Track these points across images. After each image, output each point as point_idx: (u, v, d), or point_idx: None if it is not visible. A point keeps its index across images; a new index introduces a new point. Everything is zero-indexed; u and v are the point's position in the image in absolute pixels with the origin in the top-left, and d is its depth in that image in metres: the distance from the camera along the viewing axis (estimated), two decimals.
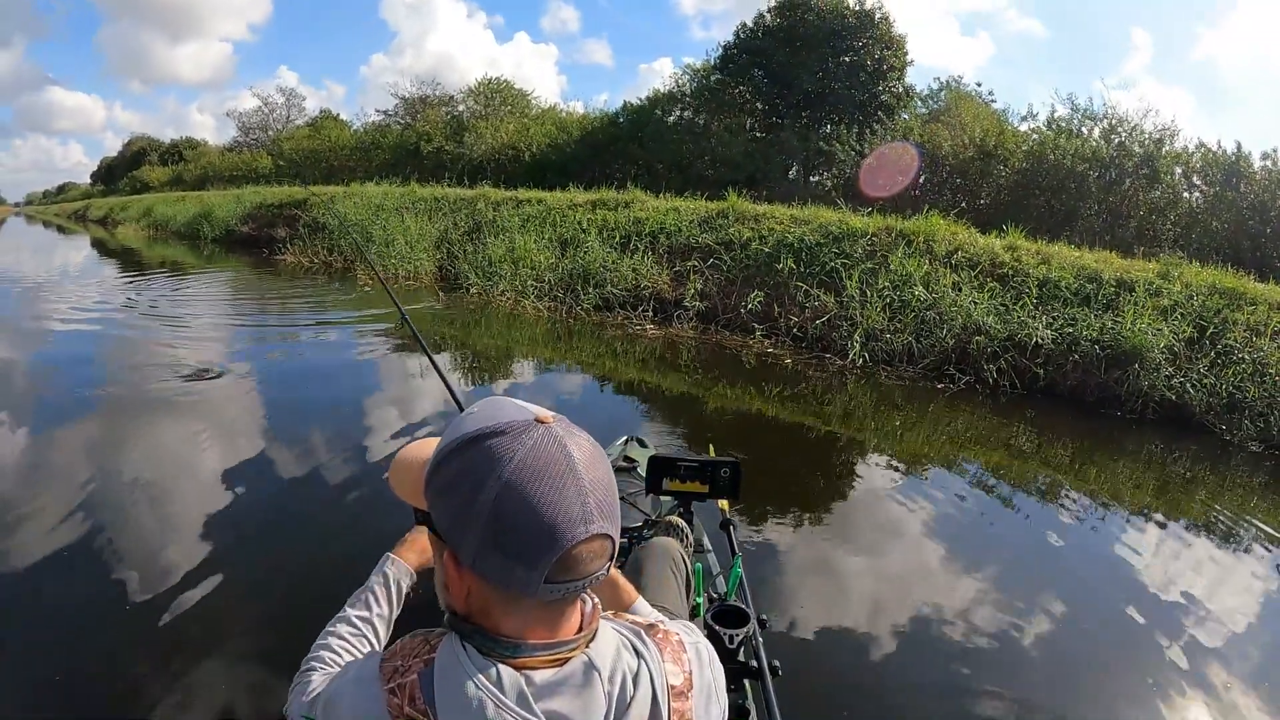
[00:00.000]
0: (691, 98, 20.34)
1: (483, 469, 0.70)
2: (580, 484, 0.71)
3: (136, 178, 50.91)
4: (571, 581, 0.72)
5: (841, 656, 2.63)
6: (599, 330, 8.45)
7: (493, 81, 26.26)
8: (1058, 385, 6.65)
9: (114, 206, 39.23)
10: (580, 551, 0.71)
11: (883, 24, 16.98)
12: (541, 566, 0.69)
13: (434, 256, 12.21)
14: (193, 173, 40.94)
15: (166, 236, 25.02)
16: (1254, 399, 6.05)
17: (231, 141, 41.70)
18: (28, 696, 2.21)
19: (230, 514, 3.47)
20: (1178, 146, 12.86)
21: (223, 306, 10.28)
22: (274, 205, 19.70)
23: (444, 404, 5.13)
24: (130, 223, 30.94)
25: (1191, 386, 6.23)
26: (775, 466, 4.85)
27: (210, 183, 34.18)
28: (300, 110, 39.17)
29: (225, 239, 20.72)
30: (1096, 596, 3.37)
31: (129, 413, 5.01)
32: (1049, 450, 5.66)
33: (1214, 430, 5.99)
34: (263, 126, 38.83)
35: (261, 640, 2.50)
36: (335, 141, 29.81)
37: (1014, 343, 6.85)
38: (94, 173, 78.82)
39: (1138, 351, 6.47)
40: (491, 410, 0.76)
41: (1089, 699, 2.57)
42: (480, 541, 0.70)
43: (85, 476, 3.81)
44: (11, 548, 3.02)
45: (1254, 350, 6.45)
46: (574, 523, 0.70)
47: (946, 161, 14.38)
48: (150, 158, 54.29)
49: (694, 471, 1.68)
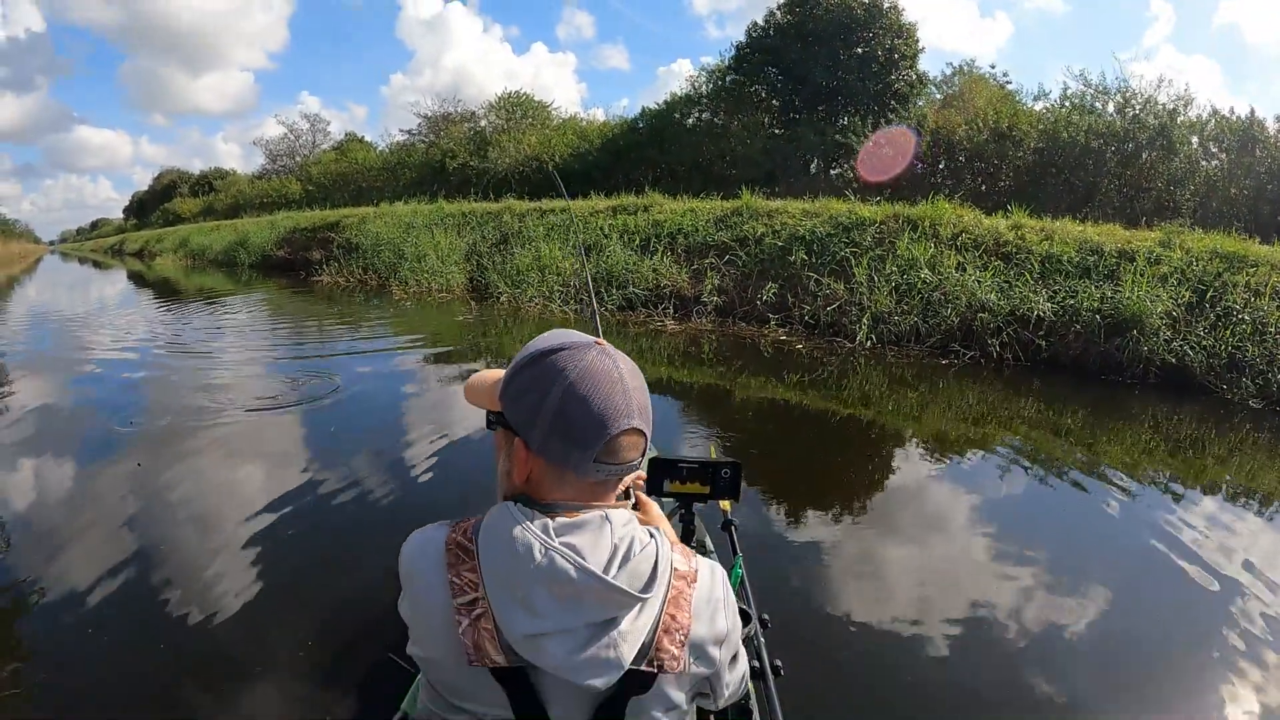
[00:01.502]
0: (709, 99, 20.92)
1: (552, 374, 0.90)
2: (625, 389, 0.91)
3: (169, 210, 52.71)
4: (613, 465, 0.91)
5: (845, 656, 2.68)
6: (622, 328, 9.13)
7: (513, 95, 27.17)
8: (1060, 356, 7.10)
9: (149, 239, 40.85)
10: (622, 440, 0.90)
11: (891, 13, 17.40)
12: (593, 449, 0.89)
13: (464, 269, 13.02)
14: (224, 202, 42.56)
15: (204, 265, 26.12)
16: (1254, 358, 6.40)
17: (260, 169, 43.08)
18: (76, 705, 2.30)
19: (271, 534, 3.49)
20: (1192, 115, 13.02)
21: (264, 329, 10.65)
22: (307, 229, 20.75)
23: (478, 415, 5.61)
24: (167, 254, 32.30)
25: (1191, 349, 6.61)
26: (784, 453, 5.12)
27: (242, 211, 35.52)
28: (325, 134, 40.36)
29: (261, 264, 21.80)
30: (1118, 580, 3.32)
31: (176, 439, 4.97)
32: (1057, 422, 5.84)
33: (1215, 390, 6.35)
34: (290, 153, 40.09)
35: (307, 659, 2.54)
36: (362, 163, 30.93)
37: (1016, 317, 7.32)
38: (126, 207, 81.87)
39: (1137, 318, 6.87)
40: (557, 334, 0.97)
41: (1118, 694, 2.54)
42: (548, 430, 0.89)
43: (131, 504, 3.84)
44: (60, 568, 3.09)
45: (1254, 310, 6.78)
46: (619, 416, 0.89)
47: (962, 146, 14.70)
48: (181, 190, 56.15)
49: (695, 473, 1.68)
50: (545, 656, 0.84)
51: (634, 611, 0.88)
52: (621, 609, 0.87)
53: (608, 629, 0.86)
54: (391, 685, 2.14)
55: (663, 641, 0.90)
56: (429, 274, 13.07)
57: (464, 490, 4.05)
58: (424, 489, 4.05)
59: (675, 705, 0.95)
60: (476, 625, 0.86)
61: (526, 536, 0.86)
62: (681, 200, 12.61)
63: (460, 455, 4.59)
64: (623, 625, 0.87)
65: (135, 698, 2.32)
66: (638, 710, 0.91)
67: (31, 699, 2.33)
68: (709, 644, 0.95)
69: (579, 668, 0.85)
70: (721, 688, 1.02)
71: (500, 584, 0.86)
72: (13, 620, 2.78)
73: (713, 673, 0.98)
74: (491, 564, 0.87)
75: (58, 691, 2.35)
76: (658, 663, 0.89)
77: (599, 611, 0.86)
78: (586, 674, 0.85)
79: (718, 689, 1.01)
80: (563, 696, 0.89)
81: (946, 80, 18.78)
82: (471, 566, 0.88)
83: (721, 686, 1.01)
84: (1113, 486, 4.42)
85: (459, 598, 0.87)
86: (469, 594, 0.87)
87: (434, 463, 4.42)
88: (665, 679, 0.92)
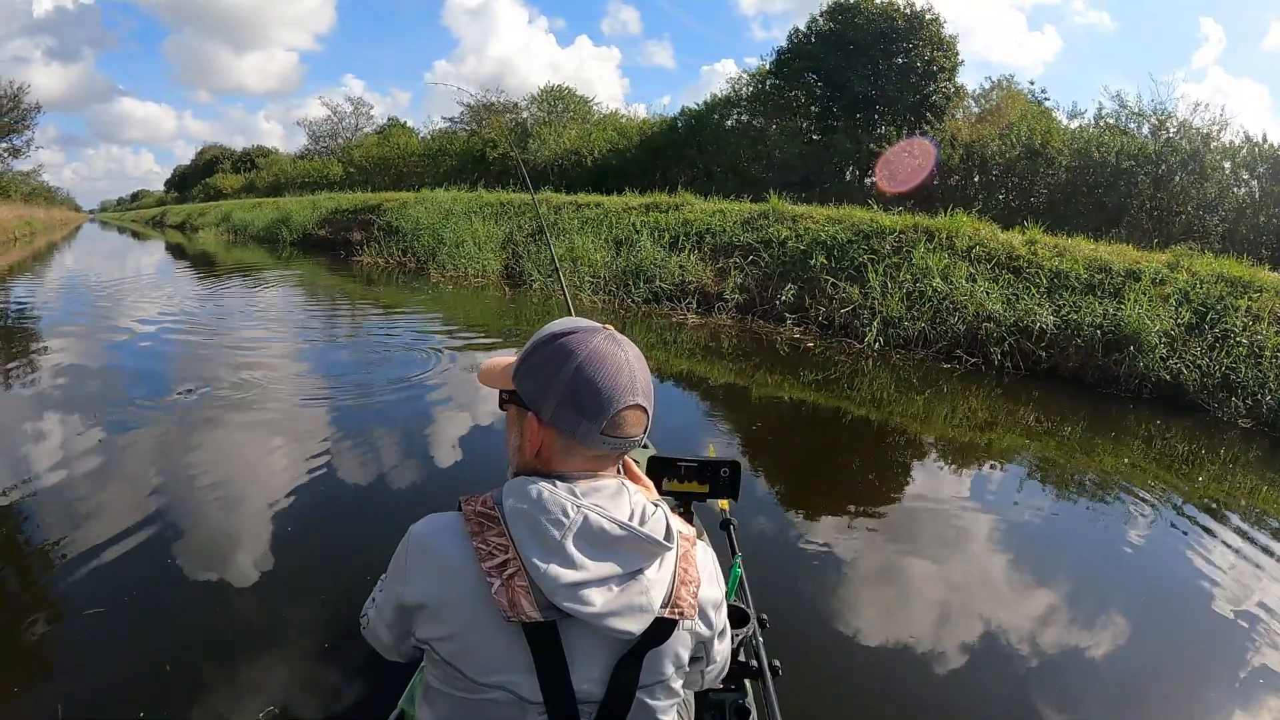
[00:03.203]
0: (748, 101, 21.54)
1: (564, 353, 1.00)
2: (631, 369, 1.01)
3: (210, 185, 54.49)
4: (617, 438, 1.01)
5: (842, 656, 2.74)
6: (647, 319, 9.84)
7: (555, 88, 28.06)
8: (1060, 367, 7.59)
9: (191, 212, 42.21)
10: (627, 415, 1.00)
11: (932, 25, 17.90)
12: (600, 420, 0.98)
13: (500, 257, 13.84)
14: (265, 179, 44.00)
15: (245, 240, 27.26)
16: (1246, 379, 6.75)
17: (302, 149, 44.43)
18: (102, 684, 2.36)
19: (297, 515, 3.58)
20: (1225, 140, 13.31)
21: (299, 305, 11.57)
22: (349, 210, 21.71)
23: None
24: (209, 228, 33.61)
25: (1185, 368, 7.00)
26: (785, 451, 5.41)
27: (284, 189, 36.71)
28: (368, 118, 41.60)
29: (302, 242, 22.80)
30: (1106, 590, 3.45)
31: (211, 415, 5.11)
32: (1055, 431, 6.20)
33: (1206, 408, 6.71)
34: (332, 134, 41.37)
35: (328, 642, 2.60)
36: (403, 148, 31.99)
37: (1020, 328, 7.84)
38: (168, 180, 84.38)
39: (1135, 335, 7.29)
40: (568, 320, 1.07)
41: (1106, 698, 2.65)
42: (559, 402, 0.99)
43: (159, 479, 3.95)
44: (87, 545, 3.16)
45: (1252, 334, 7.15)
46: (625, 393, 0.99)
47: (995, 161, 15.10)
48: (223, 165, 57.94)
49: (693, 472, 1.73)
50: (585, 605, 0.91)
51: (657, 563, 0.99)
52: (649, 559, 0.97)
53: (637, 578, 0.96)
54: (391, 685, 2.25)
55: (680, 591, 1.00)
56: (466, 259, 13.92)
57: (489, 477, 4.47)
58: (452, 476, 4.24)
59: (680, 664, 1.06)
60: (510, 584, 0.92)
61: (557, 497, 0.95)
62: (712, 201, 13.29)
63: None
64: (649, 574, 0.97)
65: (129, 683, 2.36)
66: (650, 667, 1.01)
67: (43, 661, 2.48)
68: (709, 606, 1.07)
69: (617, 613, 0.93)
70: (714, 654, 1.14)
71: (535, 541, 0.93)
72: (48, 576, 2.97)
73: (710, 636, 1.10)
74: (522, 525, 0.95)
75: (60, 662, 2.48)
76: (678, 610, 0.99)
77: (631, 561, 0.96)
78: (623, 620, 0.93)
79: (710, 654, 1.13)
80: (587, 654, 0.97)
81: (985, 94, 19.19)
82: (498, 531, 0.96)
83: (714, 653, 1.14)
84: (1108, 495, 4.72)
85: (487, 561, 0.94)
86: (498, 556, 0.94)
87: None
88: (678, 635, 1.02)
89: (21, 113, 34.47)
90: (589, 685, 0.97)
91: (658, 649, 1.00)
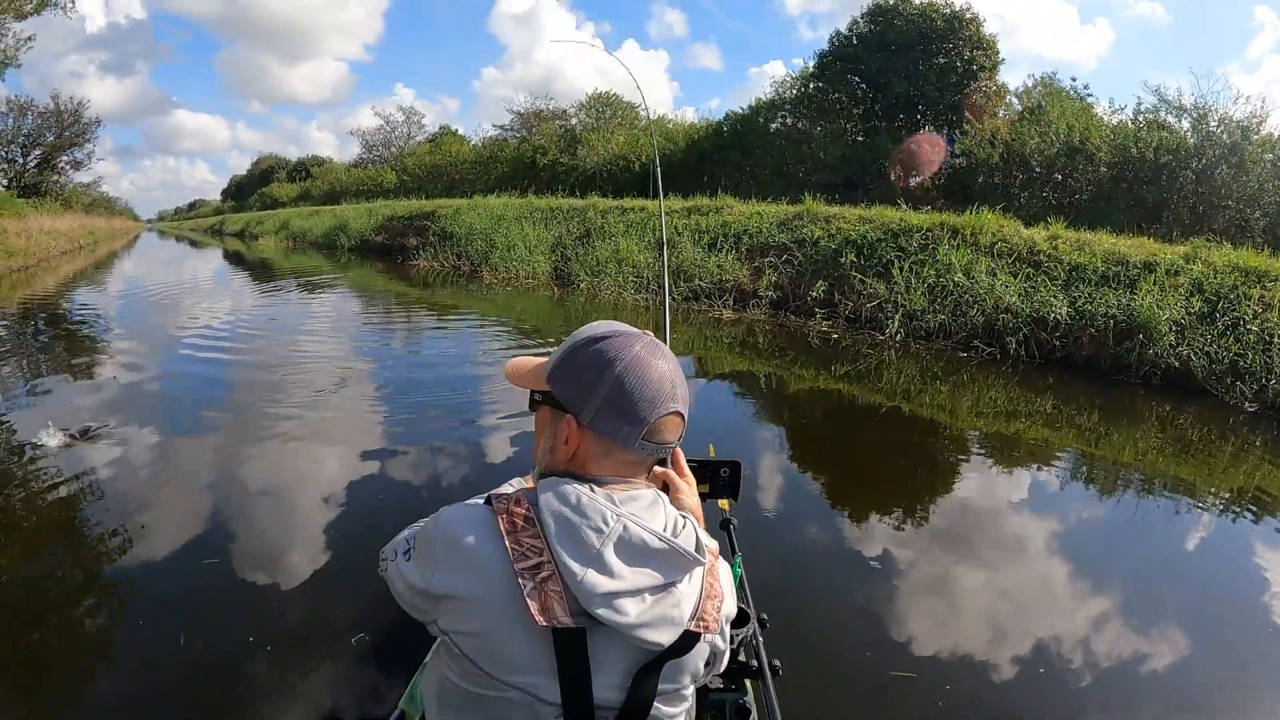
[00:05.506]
0: (792, 104, 22.25)
1: (609, 355, 1.04)
2: (672, 376, 1.06)
3: (266, 194, 57.01)
4: (655, 444, 1.05)
5: (842, 656, 2.77)
6: (686, 316, 10.77)
7: (603, 95, 29.29)
8: (1074, 355, 8.23)
9: (250, 220, 44.49)
10: (666, 421, 1.05)
11: (972, 25, 18.44)
12: (643, 425, 1.02)
13: (550, 259, 14.98)
14: (320, 188, 45.99)
15: (304, 247, 28.85)
16: (1254, 365, 7.23)
17: (356, 158, 46.38)
18: (145, 682, 2.45)
19: (347, 519, 3.69)
20: (1265, 132, 13.45)
21: (356, 310, 12.57)
22: (404, 217, 23.12)
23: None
24: (268, 235, 35.45)
25: (1195, 355, 7.50)
26: (787, 444, 5.60)
27: (340, 198, 38.45)
28: (420, 127, 43.36)
29: (360, 248, 24.29)
30: (1106, 589, 3.45)
31: (264, 421, 5.27)
32: (1070, 417, 6.51)
33: (1214, 393, 7.19)
34: (385, 143, 43.14)
35: (327, 644, 2.67)
36: (455, 156, 33.53)
37: (1035, 319, 8.51)
38: (224, 189, 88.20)
39: (1146, 324, 7.83)
40: (605, 324, 1.11)
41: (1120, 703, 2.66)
42: (601, 405, 1.02)
43: (216, 483, 4.12)
44: (139, 546, 3.30)
45: (1263, 322, 7.61)
46: (666, 399, 1.04)
47: (1035, 158, 15.59)
48: (279, 175, 60.48)
49: (693, 471, 1.62)
50: (619, 615, 0.93)
51: (688, 576, 1.01)
52: (682, 572, 0.99)
53: (670, 590, 0.98)
54: (391, 685, 2.35)
55: (706, 606, 1.02)
56: (518, 262, 15.10)
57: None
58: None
59: (697, 675, 1.07)
60: (543, 588, 0.93)
61: (597, 504, 0.98)
62: (750, 204, 14.17)
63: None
64: (681, 587, 0.99)
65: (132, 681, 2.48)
66: (669, 677, 1.02)
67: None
68: (728, 621, 1.10)
69: (650, 624, 0.95)
70: (720, 662, 1.14)
71: (573, 547, 0.95)
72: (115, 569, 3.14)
73: (724, 649, 1.12)
74: (560, 530, 0.96)
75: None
76: (703, 624, 1.00)
77: (667, 573, 0.98)
78: (654, 631, 0.96)
79: (717, 664, 1.13)
80: (610, 662, 0.99)
81: (1027, 92, 19.60)
82: (533, 534, 0.97)
83: (721, 661, 1.14)
84: (1121, 484, 4.92)
85: (520, 563, 0.94)
86: (532, 559, 0.95)
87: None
88: (699, 647, 1.04)
89: (82, 127, 36.07)
90: (609, 692, 0.99)
91: (678, 660, 1.02)
